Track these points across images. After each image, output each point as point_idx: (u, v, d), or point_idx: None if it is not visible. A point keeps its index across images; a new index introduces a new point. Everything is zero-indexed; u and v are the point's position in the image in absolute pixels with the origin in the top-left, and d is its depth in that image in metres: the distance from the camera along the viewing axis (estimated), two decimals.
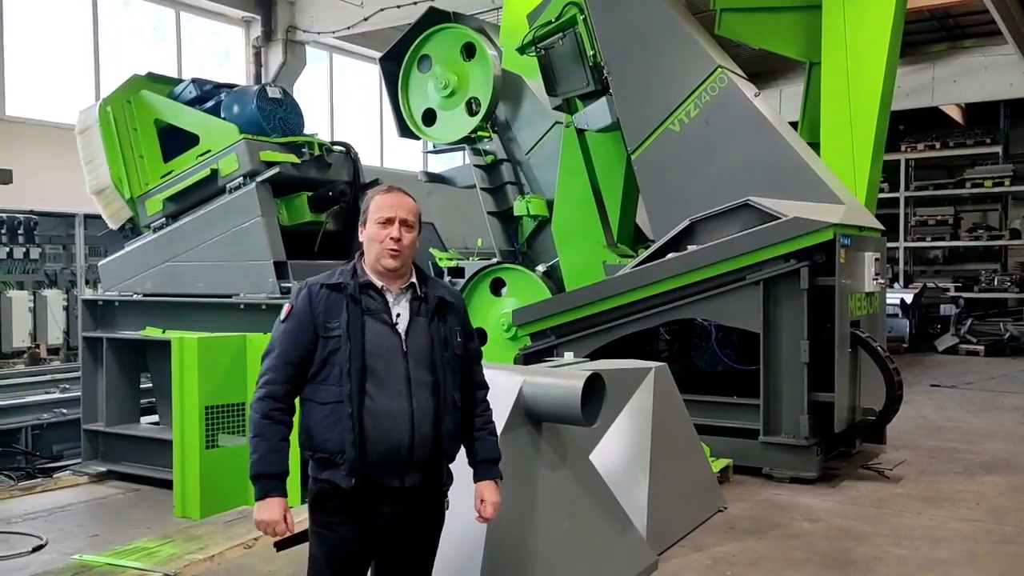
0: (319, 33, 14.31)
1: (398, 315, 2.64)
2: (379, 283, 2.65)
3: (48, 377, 9.19)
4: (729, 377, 6.83)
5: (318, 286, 2.64)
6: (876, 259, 6.56)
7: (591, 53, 7.54)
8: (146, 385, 7.02)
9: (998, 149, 17.82)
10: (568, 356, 5.61)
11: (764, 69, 14.58)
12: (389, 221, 2.65)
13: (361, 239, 2.71)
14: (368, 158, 15.59)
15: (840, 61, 7.14)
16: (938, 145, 18.00)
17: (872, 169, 7.20)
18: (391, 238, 2.62)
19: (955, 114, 18.56)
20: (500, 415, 3.58)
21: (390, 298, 2.65)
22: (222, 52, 14.72)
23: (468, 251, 9.98)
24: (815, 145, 7.36)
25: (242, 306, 6.09)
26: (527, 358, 6.85)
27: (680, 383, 5.35)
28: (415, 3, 12.22)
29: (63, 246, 11.83)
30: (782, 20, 7.96)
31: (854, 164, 7.09)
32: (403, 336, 2.62)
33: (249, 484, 2.60)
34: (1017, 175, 16.99)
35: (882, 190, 15.60)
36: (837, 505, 5.55)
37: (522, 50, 7.94)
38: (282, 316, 2.65)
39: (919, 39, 15.93)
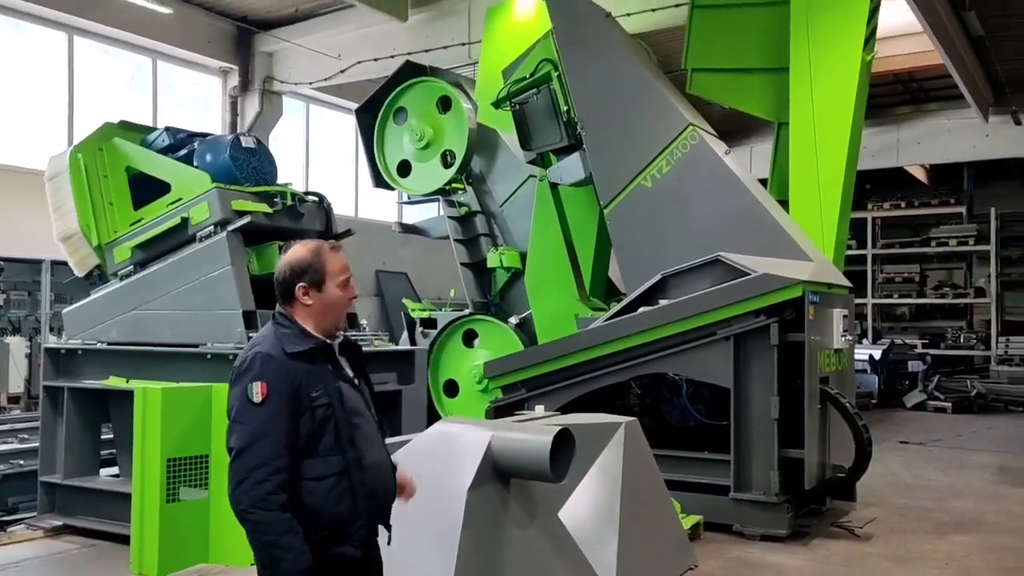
0: (296, 84, 14.42)
1: (352, 370, 2.65)
2: (329, 342, 2.59)
3: (7, 427, 8.94)
4: (700, 432, 6.81)
5: (284, 356, 2.45)
6: (844, 316, 6.63)
7: (565, 109, 7.65)
8: (107, 436, 6.85)
9: (962, 209, 18.25)
10: (539, 409, 5.57)
11: (735, 127, 14.88)
12: (348, 281, 2.59)
13: (308, 301, 2.52)
14: (343, 207, 15.66)
15: (807, 122, 7.31)
16: (904, 204, 18.39)
17: (840, 227, 7.33)
18: (351, 299, 2.60)
19: (920, 174, 19.04)
20: (468, 471, 3.53)
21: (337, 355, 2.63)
22: (200, 100, 14.76)
23: (441, 302, 9.97)
24: (785, 202, 7.49)
25: (209, 356, 5.99)
26: (498, 411, 6.79)
27: (651, 437, 5.31)
28: (392, 56, 12.37)
29: (28, 292, 11.62)
30: (751, 81, 8.16)
31: (822, 222, 7.21)
32: (360, 388, 2.62)
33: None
34: (981, 235, 17.36)
35: (850, 247, 15.84)
36: (808, 564, 5.50)
37: (497, 104, 8.05)
38: (256, 397, 2.38)
39: (885, 101, 16.38)
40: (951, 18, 11.89)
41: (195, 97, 14.70)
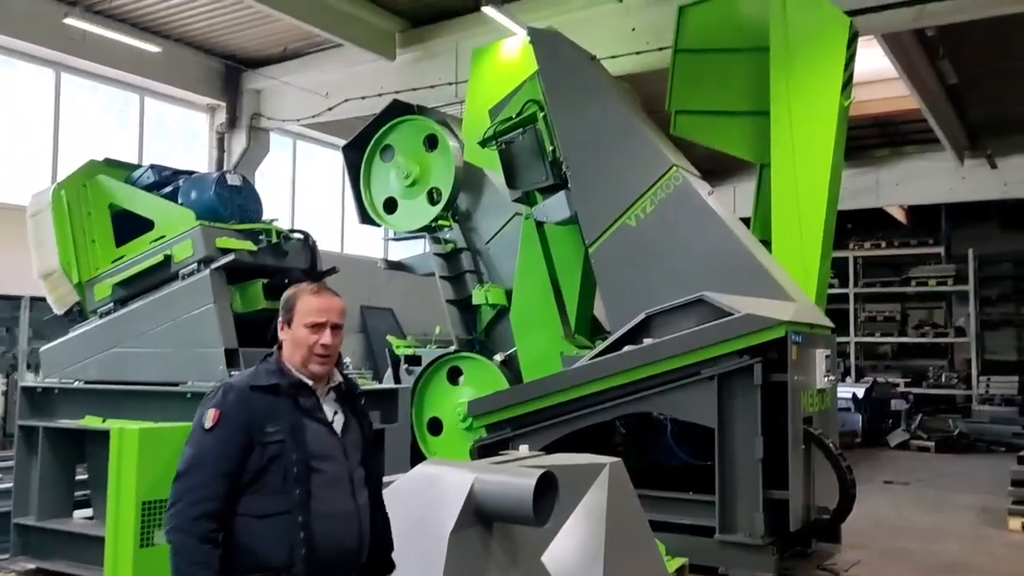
0: (283, 121, 14.48)
1: (336, 413, 2.57)
2: (309, 382, 2.55)
3: None
4: (685, 472, 6.78)
5: (247, 388, 2.47)
6: (827, 356, 6.66)
7: (550, 148, 7.72)
8: (82, 476, 6.73)
9: (940, 250, 18.47)
10: (523, 449, 5.52)
11: (719, 166, 15.06)
12: (320, 327, 2.53)
13: (282, 336, 2.57)
14: (329, 244, 15.66)
15: (788, 164, 7.40)
16: (884, 244, 18.61)
17: (821, 267, 7.39)
18: (322, 344, 2.52)
19: (899, 215, 19.30)
20: (451, 514, 3.48)
21: (319, 395, 2.57)
22: (187, 136, 14.79)
23: (426, 338, 9.93)
24: (767, 242, 7.55)
25: (189, 395, 5.91)
26: (482, 450, 6.74)
27: (636, 477, 5.26)
28: (380, 95, 12.46)
29: (7, 329, 11.48)
30: (733, 123, 8.27)
31: (804, 262, 7.27)
32: (339, 433, 2.55)
33: None
34: (959, 275, 17.57)
35: (832, 286, 15.98)
36: None
37: (484, 143, 8.12)
38: (208, 423, 2.40)
39: (863, 144, 16.66)
40: (926, 66, 12.17)
41: (182, 132, 14.72)
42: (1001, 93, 13.71)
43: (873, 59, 11.39)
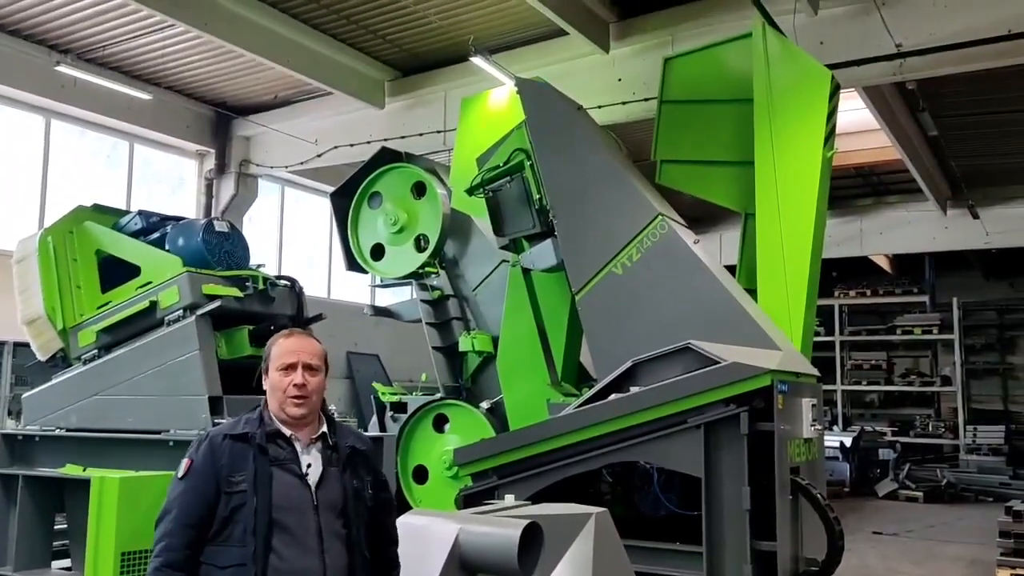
0: (272, 167, 14.57)
1: (309, 465, 2.50)
2: (287, 431, 2.51)
3: None
4: (672, 522, 6.72)
5: (220, 437, 2.46)
6: (813, 405, 6.64)
7: (537, 197, 7.79)
8: (61, 526, 6.60)
9: (925, 298, 18.63)
10: (508, 499, 5.47)
11: (705, 214, 15.23)
12: (291, 367, 2.52)
13: (265, 386, 2.57)
14: (316, 289, 15.66)
15: (773, 214, 7.48)
16: (869, 292, 18.77)
17: (807, 316, 7.42)
18: (294, 385, 2.50)
19: (884, 263, 19.51)
20: (435, 565, 3.44)
21: (299, 447, 2.51)
22: (175, 180, 14.85)
23: (412, 385, 9.89)
24: (753, 291, 7.60)
25: (171, 443, 5.86)
26: (468, 499, 6.66)
27: (622, 527, 5.21)
28: (368, 142, 12.59)
29: None
30: (718, 173, 8.37)
31: (789, 311, 7.31)
32: (313, 488, 2.47)
33: None
34: (944, 324, 17.69)
35: (818, 333, 16.06)
36: None
37: (471, 191, 8.18)
38: (180, 473, 2.42)
39: (847, 193, 16.89)
40: (907, 117, 12.43)
41: (171, 177, 14.79)
42: (981, 145, 13.98)
43: (856, 110, 11.64)
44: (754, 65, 7.73)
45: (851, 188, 16.81)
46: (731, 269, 8.05)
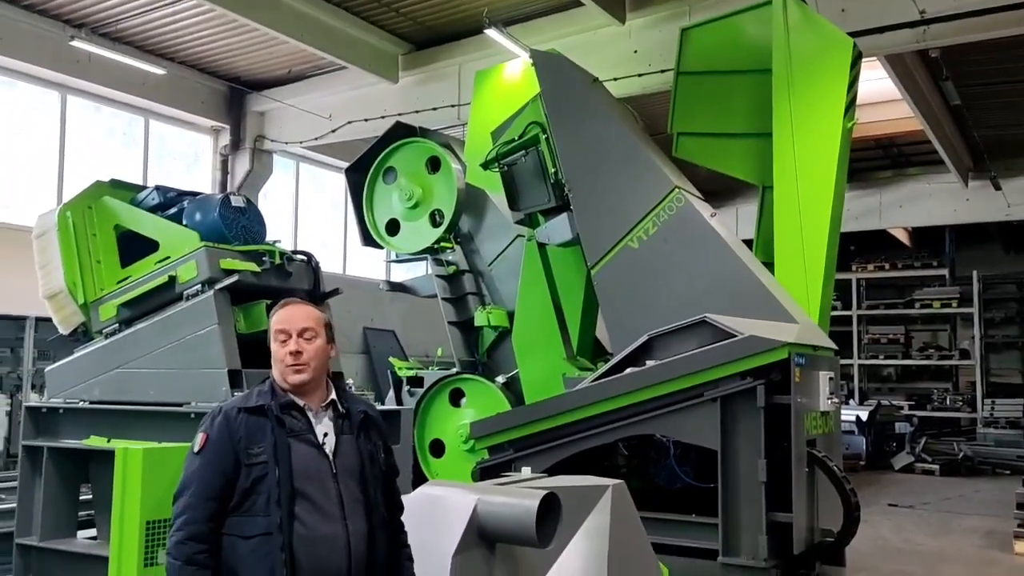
0: (287, 143, 14.57)
1: (325, 435, 2.54)
2: (301, 402, 2.54)
3: None
4: (688, 494, 6.75)
5: (235, 411, 2.49)
6: (830, 378, 6.63)
7: (552, 170, 7.75)
8: (85, 497, 6.72)
9: (944, 272, 18.47)
10: (526, 471, 5.51)
11: (721, 187, 15.11)
12: (286, 335, 2.56)
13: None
14: (331, 265, 15.72)
15: (791, 187, 7.42)
16: (887, 266, 18.62)
17: (824, 289, 7.38)
18: (289, 353, 2.54)
19: (903, 236, 19.33)
20: (453, 535, 3.48)
21: (312, 417, 2.55)
22: (191, 156, 14.90)
23: (428, 360, 9.94)
24: (770, 264, 7.56)
25: (192, 415, 5.92)
26: (484, 472, 6.71)
27: (638, 499, 5.24)
28: (383, 117, 12.55)
29: (11, 349, 11.51)
30: (736, 145, 8.30)
31: (807, 284, 7.27)
32: (331, 456, 2.52)
33: None
34: (964, 297, 17.55)
35: (835, 308, 15.96)
36: None
37: (486, 165, 8.14)
38: (196, 447, 2.46)
39: (866, 166, 16.71)
40: (929, 87, 12.23)
41: (186, 153, 14.83)
42: (1005, 114, 13.77)
43: (877, 81, 11.47)
44: (774, 34, 7.62)
45: (871, 160, 16.62)
46: (748, 243, 8.00)
